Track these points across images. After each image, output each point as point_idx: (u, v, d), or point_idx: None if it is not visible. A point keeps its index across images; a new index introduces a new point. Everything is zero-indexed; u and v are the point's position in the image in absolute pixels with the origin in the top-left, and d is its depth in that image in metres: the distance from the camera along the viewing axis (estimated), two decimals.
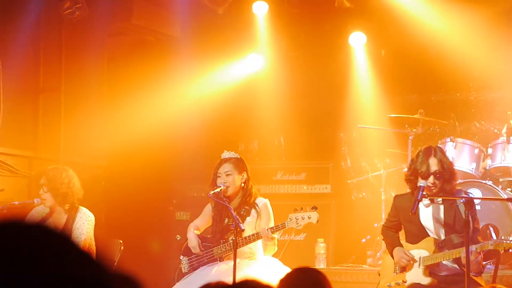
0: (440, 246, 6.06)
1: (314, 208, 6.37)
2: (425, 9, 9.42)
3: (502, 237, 5.87)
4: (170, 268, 7.50)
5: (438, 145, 8.31)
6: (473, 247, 5.74)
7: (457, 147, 8.47)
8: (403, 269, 6.22)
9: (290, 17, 10.19)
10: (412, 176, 6.15)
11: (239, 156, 6.83)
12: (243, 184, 6.68)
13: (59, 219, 6.66)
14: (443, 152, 6.25)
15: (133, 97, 9.51)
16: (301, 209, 6.37)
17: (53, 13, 8.82)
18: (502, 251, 5.99)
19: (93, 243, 6.78)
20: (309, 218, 6.35)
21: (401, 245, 6.24)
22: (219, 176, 6.66)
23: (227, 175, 6.65)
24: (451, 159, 6.53)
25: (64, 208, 6.63)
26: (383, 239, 6.69)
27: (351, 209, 9.93)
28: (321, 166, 9.42)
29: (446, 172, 6.03)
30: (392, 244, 6.29)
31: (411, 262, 6.13)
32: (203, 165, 8.30)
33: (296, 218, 6.35)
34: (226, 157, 6.76)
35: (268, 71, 10.22)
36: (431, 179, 6.02)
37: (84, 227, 6.59)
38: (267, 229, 6.40)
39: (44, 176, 6.64)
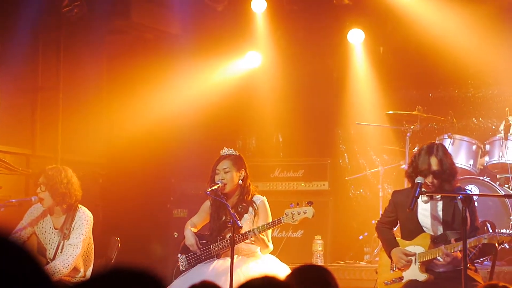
0: (435, 242, 6.07)
1: (310, 203, 6.38)
2: (424, 6, 9.42)
3: (496, 231, 5.88)
4: (168, 266, 7.51)
5: (436, 141, 8.33)
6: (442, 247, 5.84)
7: (455, 144, 8.48)
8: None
9: (288, 14, 10.21)
10: (413, 173, 6.16)
11: (238, 154, 6.84)
12: (241, 182, 6.68)
13: (57, 218, 6.66)
14: (444, 151, 6.22)
15: (131, 95, 9.52)
16: (297, 204, 6.38)
17: (51, 11, 8.82)
18: (498, 246, 6.00)
19: (92, 242, 6.78)
20: (305, 213, 6.35)
21: (398, 245, 6.23)
22: (218, 173, 6.67)
23: (226, 172, 6.65)
24: None
25: (62, 208, 6.63)
26: (378, 237, 6.69)
27: (349, 206, 9.94)
28: (319, 163, 9.43)
29: (445, 172, 6.03)
30: (389, 244, 6.27)
31: (409, 263, 6.13)
32: (201, 163, 8.31)
33: (292, 213, 6.36)
34: (226, 154, 6.77)
35: (266, 68, 10.23)
36: (430, 178, 6.02)
37: (84, 227, 6.58)
38: (252, 230, 6.40)
39: (43, 175, 6.62)
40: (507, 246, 7.81)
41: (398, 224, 6.44)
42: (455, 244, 5.89)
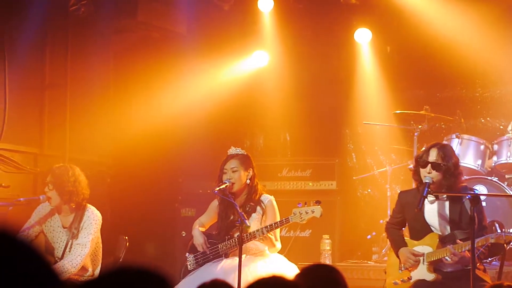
0: (443, 241, 6.06)
1: (318, 202, 6.37)
2: (431, 5, 9.40)
3: (503, 230, 5.88)
4: (176, 265, 7.52)
5: (444, 141, 8.32)
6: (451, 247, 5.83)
7: (463, 144, 8.47)
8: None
9: (295, 13, 10.20)
10: (416, 166, 6.18)
11: (245, 153, 6.84)
12: (248, 181, 6.69)
13: (65, 217, 6.65)
14: (449, 149, 6.22)
15: (138, 94, 9.53)
16: (305, 203, 6.37)
17: (58, 9, 8.82)
18: (506, 246, 6.00)
19: (100, 241, 6.78)
20: (313, 212, 6.34)
21: (406, 245, 6.23)
22: (225, 172, 6.67)
23: (233, 171, 6.66)
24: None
25: (71, 207, 6.62)
26: (387, 237, 6.69)
27: (357, 205, 9.93)
28: (326, 162, 9.43)
29: (444, 166, 6.01)
30: (397, 244, 6.28)
31: (417, 262, 6.12)
32: (209, 162, 8.31)
33: (300, 212, 6.35)
34: (233, 153, 6.78)
35: (273, 68, 10.23)
36: (428, 168, 6.03)
37: (92, 227, 6.57)
38: (260, 230, 6.40)
39: (50, 174, 6.61)
40: None
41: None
42: (463, 243, 5.88)
